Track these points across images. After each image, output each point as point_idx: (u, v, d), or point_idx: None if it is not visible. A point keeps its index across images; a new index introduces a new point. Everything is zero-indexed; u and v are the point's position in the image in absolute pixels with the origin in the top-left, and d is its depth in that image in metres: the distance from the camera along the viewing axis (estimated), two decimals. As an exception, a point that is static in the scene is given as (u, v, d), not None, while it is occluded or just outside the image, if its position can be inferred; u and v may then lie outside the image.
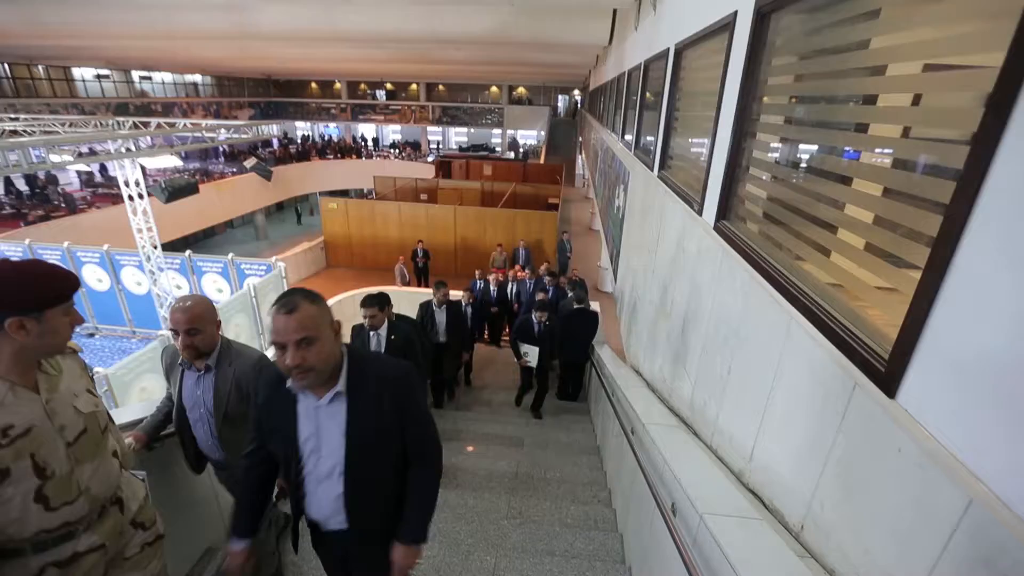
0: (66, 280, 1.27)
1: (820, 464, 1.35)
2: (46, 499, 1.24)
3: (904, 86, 1.28)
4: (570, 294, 6.21)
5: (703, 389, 2.41)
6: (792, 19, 1.82)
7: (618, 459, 3.35)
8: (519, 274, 8.25)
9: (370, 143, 32.87)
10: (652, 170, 4.04)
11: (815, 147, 1.67)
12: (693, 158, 3.08)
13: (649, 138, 4.59)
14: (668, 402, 3.09)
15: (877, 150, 1.44)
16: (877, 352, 1.16)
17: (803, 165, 1.72)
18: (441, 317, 5.07)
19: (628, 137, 6.13)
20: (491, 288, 7.52)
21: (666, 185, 3.48)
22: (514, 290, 7.68)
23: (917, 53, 1.19)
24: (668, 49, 3.70)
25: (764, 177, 2.01)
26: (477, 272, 7.91)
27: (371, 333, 3.43)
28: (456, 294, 5.71)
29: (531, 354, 4.98)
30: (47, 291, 1.22)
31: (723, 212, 2.29)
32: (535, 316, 4.96)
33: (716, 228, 2.32)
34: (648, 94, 4.89)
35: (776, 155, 1.99)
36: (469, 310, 5.82)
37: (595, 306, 5.98)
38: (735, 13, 2.23)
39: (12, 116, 10.81)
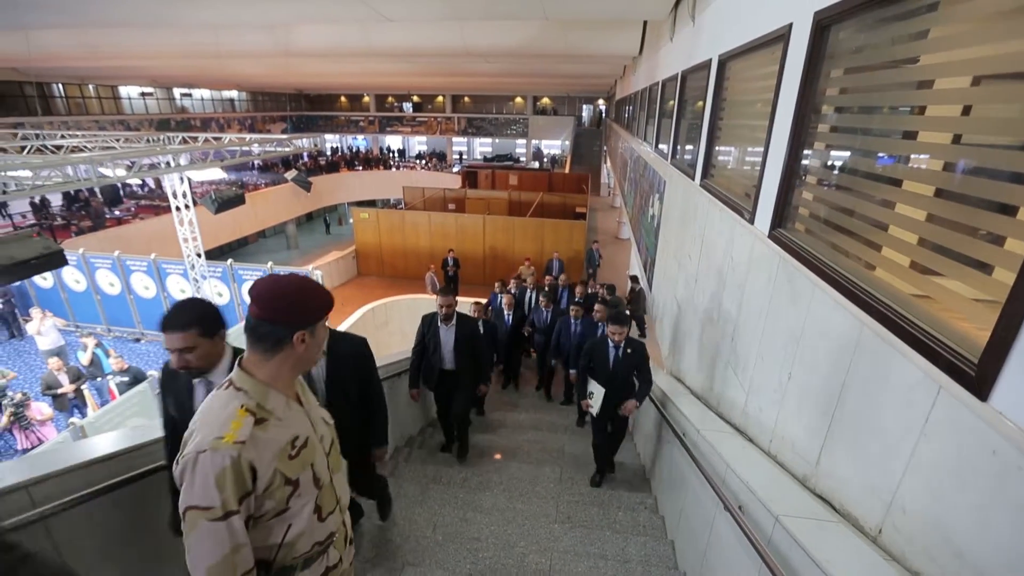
0: (329, 295, 1.29)
1: (901, 468, 1.37)
2: (320, 509, 1.24)
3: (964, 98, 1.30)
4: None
5: (759, 396, 2.42)
6: (857, 30, 1.85)
7: (667, 465, 3.36)
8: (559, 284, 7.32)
9: (396, 154, 33.58)
10: (693, 179, 4.06)
11: (882, 155, 1.69)
12: (742, 167, 3.10)
13: (688, 147, 4.61)
14: (716, 409, 3.09)
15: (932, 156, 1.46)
16: (964, 355, 1.18)
17: (871, 172, 1.74)
18: (447, 336, 3.73)
19: (663, 147, 6.16)
20: (505, 313, 6.02)
21: (710, 194, 3.50)
22: (532, 300, 6.58)
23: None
24: (710, 60, 3.73)
25: (828, 185, 2.04)
26: (496, 285, 6.92)
27: (193, 382, 1.81)
28: (466, 301, 4.92)
29: (596, 395, 3.51)
30: (320, 305, 1.25)
31: (779, 220, 2.31)
32: (609, 333, 3.45)
33: (771, 236, 2.34)
34: (686, 104, 4.92)
35: (844, 163, 2.00)
36: (482, 327, 4.54)
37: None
38: (790, 25, 2.27)
39: (71, 133, 11.47)
